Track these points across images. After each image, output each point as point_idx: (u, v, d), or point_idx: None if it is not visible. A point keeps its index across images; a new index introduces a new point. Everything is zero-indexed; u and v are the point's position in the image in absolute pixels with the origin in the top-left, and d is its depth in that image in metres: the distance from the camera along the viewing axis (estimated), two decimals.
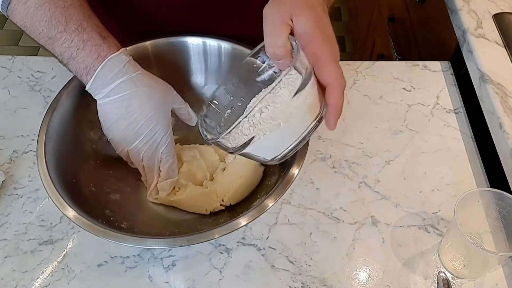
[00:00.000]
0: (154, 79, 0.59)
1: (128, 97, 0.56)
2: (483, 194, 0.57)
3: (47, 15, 0.55)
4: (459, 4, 0.82)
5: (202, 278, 0.59)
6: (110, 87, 0.56)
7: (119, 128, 0.58)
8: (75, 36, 0.55)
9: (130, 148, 0.59)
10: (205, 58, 0.71)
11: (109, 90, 0.56)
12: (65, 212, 0.53)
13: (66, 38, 0.55)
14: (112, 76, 0.55)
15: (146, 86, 0.57)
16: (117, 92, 0.56)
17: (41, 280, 0.59)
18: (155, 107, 0.58)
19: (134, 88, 0.56)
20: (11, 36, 2.20)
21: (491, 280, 0.59)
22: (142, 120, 0.57)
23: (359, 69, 0.82)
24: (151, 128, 0.58)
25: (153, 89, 0.58)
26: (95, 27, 0.56)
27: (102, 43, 0.55)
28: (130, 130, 0.57)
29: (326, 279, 0.59)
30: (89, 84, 0.56)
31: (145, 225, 0.62)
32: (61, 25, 0.55)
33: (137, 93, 0.56)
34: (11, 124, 0.74)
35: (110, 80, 0.55)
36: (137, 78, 0.57)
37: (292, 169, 0.56)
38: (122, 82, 0.56)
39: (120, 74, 0.56)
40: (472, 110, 0.76)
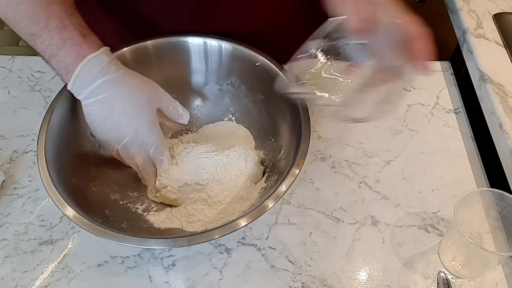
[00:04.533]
0: (137, 79, 0.58)
1: (109, 99, 0.55)
2: (483, 194, 0.57)
3: (29, 11, 0.53)
4: (459, 4, 0.82)
5: (202, 278, 0.59)
6: (90, 88, 0.54)
7: (104, 130, 0.57)
8: (55, 34, 0.54)
9: (120, 148, 0.58)
10: (205, 58, 0.71)
11: (89, 91, 0.55)
12: (65, 212, 0.53)
13: (47, 36, 0.54)
14: (92, 77, 0.54)
15: (128, 86, 0.56)
16: (98, 93, 0.55)
17: (41, 280, 0.59)
18: (138, 108, 0.57)
19: (115, 89, 0.55)
20: (11, 36, 2.20)
21: (491, 280, 0.59)
22: (124, 122, 0.56)
23: None
24: (134, 129, 0.57)
25: (135, 89, 0.57)
26: (77, 25, 0.55)
27: (83, 42, 0.54)
28: (115, 132, 0.57)
29: (326, 279, 0.59)
30: (69, 84, 0.55)
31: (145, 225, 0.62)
32: (42, 21, 0.53)
33: (118, 94, 0.55)
34: (11, 124, 0.74)
35: (90, 81, 0.54)
36: (118, 79, 0.55)
37: (292, 169, 0.56)
38: (102, 83, 0.54)
39: (100, 75, 0.54)
40: (472, 110, 0.76)
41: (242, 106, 0.72)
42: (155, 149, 0.60)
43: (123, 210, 0.62)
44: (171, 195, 0.64)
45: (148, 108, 0.58)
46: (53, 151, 0.58)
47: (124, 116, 0.56)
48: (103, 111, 0.56)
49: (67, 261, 0.60)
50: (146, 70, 0.69)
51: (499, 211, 0.57)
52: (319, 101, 0.56)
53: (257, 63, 0.67)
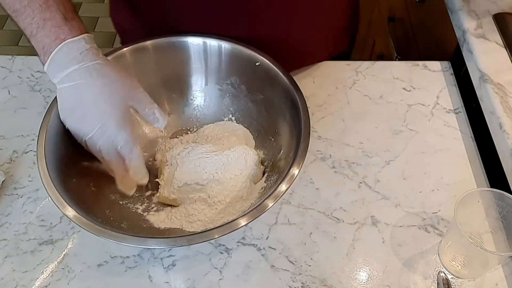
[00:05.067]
0: (114, 72, 0.56)
1: (81, 86, 0.53)
2: (483, 194, 0.57)
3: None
4: (459, 4, 0.82)
5: (202, 278, 0.59)
6: (64, 72, 0.53)
7: (72, 118, 0.55)
8: (37, 13, 0.53)
9: (87, 139, 0.56)
10: (205, 58, 0.71)
11: (63, 76, 0.53)
12: (65, 212, 0.53)
13: (29, 14, 0.53)
14: (67, 62, 0.53)
15: (103, 77, 0.54)
16: (71, 80, 0.53)
17: (41, 280, 0.59)
18: (109, 101, 0.54)
19: (89, 77, 0.53)
20: (11, 36, 2.20)
21: (491, 280, 0.59)
22: (93, 113, 0.54)
23: (359, 69, 0.82)
24: (102, 123, 0.54)
25: (110, 82, 0.55)
26: (61, 7, 0.54)
27: (63, 25, 0.53)
28: (84, 122, 0.55)
29: (326, 279, 0.59)
30: (45, 66, 0.54)
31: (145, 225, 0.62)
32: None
33: (90, 83, 0.53)
34: (11, 124, 0.74)
35: (64, 66, 0.53)
36: (94, 68, 0.54)
37: (292, 169, 0.56)
38: (76, 69, 0.53)
39: (75, 61, 0.53)
40: (472, 110, 0.76)
41: (242, 106, 0.72)
42: (123, 146, 0.57)
43: (123, 210, 0.62)
44: (171, 195, 0.64)
45: (120, 103, 0.55)
46: (53, 151, 0.58)
47: (94, 107, 0.54)
48: (74, 99, 0.54)
49: (67, 261, 0.60)
50: (145, 70, 0.69)
51: (499, 211, 0.58)
52: None
53: (257, 63, 0.67)
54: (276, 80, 0.66)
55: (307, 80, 0.80)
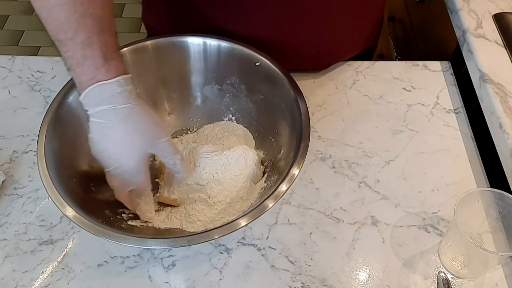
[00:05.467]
0: (141, 118, 0.56)
1: (107, 126, 0.55)
2: (483, 194, 0.57)
3: (62, 17, 0.52)
4: (459, 4, 0.82)
5: (202, 278, 0.59)
6: (95, 109, 0.55)
7: (97, 149, 0.57)
8: (79, 49, 0.53)
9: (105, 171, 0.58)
10: (205, 58, 0.70)
11: (94, 112, 0.55)
12: (65, 212, 0.53)
13: (70, 48, 0.53)
14: (99, 101, 0.54)
15: (127, 122, 0.55)
16: (100, 117, 0.55)
17: (41, 280, 0.59)
18: (128, 146, 0.56)
19: (114, 120, 0.55)
20: (11, 36, 2.20)
21: (491, 280, 0.59)
22: (113, 153, 0.56)
23: (359, 69, 0.82)
24: (119, 165, 0.56)
25: (133, 128, 0.56)
26: (103, 45, 0.54)
27: (101, 66, 0.53)
28: (104, 156, 0.57)
29: (326, 279, 0.59)
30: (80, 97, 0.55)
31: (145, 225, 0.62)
32: (71, 32, 0.52)
33: (115, 125, 0.55)
34: (11, 124, 0.74)
35: (95, 104, 0.54)
36: (121, 112, 0.55)
37: (292, 169, 0.56)
38: (104, 110, 0.54)
39: (105, 102, 0.54)
40: (472, 110, 0.76)
41: (242, 106, 0.72)
42: (134, 190, 0.59)
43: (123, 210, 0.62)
44: (171, 195, 0.64)
45: (139, 149, 0.57)
46: (53, 151, 0.58)
47: (114, 148, 0.56)
48: (100, 134, 0.56)
49: (67, 261, 0.60)
50: (145, 70, 0.69)
51: (499, 211, 0.58)
52: None
53: (257, 63, 0.67)
54: (276, 80, 0.66)
55: (307, 80, 0.80)
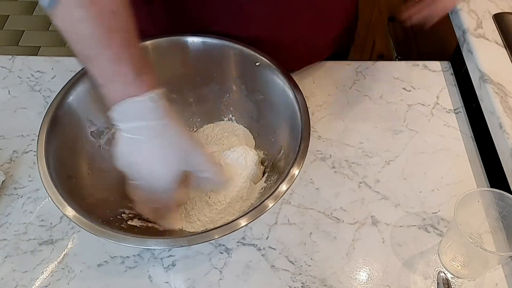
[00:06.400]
0: (176, 134, 0.54)
1: (140, 142, 0.53)
2: (483, 194, 0.57)
3: (89, 32, 0.50)
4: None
5: (202, 278, 0.59)
6: (126, 125, 0.53)
7: (125, 162, 0.55)
8: (108, 66, 0.51)
9: (133, 184, 0.57)
10: (205, 58, 0.70)
11: (126, 127, 0.53)
12: (65, 212, 0.53)
13: (99, 64, 0.51)
14: (131, 117, 0.52)
15: (162, 139, 0.53)
16: (132, 133, 0.53)
17: (41, 280, 0.59)
18: (161, 163, 0.54)
19: (148, 137, 0.53)
20: (11, 36, 2.20)
21: (491, 280, 0.59)
22: (144, 168, 0.54)
23: (359, 69, 0.82)
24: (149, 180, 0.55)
25: (167, 144, 0.54)
26: (132, 60, 0.51)
27: (133, 81, 0.51)
28: (133, 170, 0.55)
29: (326, 279, 0.59)
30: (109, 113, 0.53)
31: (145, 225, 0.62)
32: (99, 48, 0.50)
33: (149, 142, 0.53)
34: (11, 124, 0.74)
35: (127, 120, 0.52)
36: (156, 128, 0.53)
37: (293, 169, 0.56)
38: (138, 126, 0.53)
39: (138, 118, 0.52)
40: (472, 110, 0.76)
41: (242, 106, 0.72)
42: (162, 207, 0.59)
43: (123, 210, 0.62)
44: None
45: (172, 167, 0.55)
46: (53, 151, 0.58)
47: (146, 164, 0.54)
48: (131, 149, 0.54)
49: (67, 261, 0.60)
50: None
51: (499, 211, 0.58)
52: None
53: (257, 63, 0.67)
54: (276, 80, 0.66)
55: (307, 80, 0.80)
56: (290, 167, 0.56)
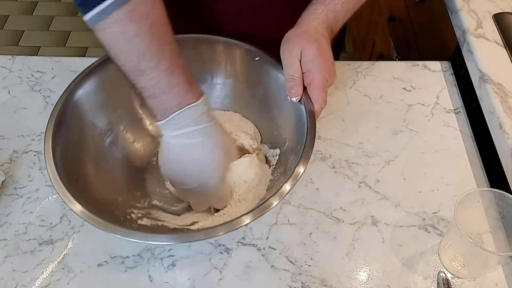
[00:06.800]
0: (221, 133, 0.59)
1: (193, 145, 0.56)
2: (483, 194, 0.57)
3: (143, 46, 0.51)
4: (459, 4, 0.82)
5: (202, 278, 0.59)
6: (180, 131, 0.55)
7: (174, 169, 0.58)
8: (164, 77, 0.52)
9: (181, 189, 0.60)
10: (207, 55, 0.70)
11: (178, 134, 0.55)
12: (73, 208, 0.52)
13: (155, 76, 0.52)
14: (185, 124, 0.55)
15: (212, 139, 0.57)
16: (184, 138, 0.56)
17: (41, 280, 0.59)
18: (214, 162, 0.58)
19: (201, 138, 0.56)
20: (11, 36, 2.20)
21: (491, 280, 0.59)
22: (195, 171, 0.58)
23: (359, 69, 0.82)
24: (203, 182, 0.58)
25: (218, 144, 0.58)
26: (184, 71, 0.54)
27: (188, 91, 0.54)
28: (183, 175, 0.58)
29: (326, 279, 0.59)
30: (160, 123, 0.55)
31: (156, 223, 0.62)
32: (154, 61, 0.51)
33: (201, 144, 0.56)
34: (11, 124, 0.74)
35: (181, 126, 0.55)
36: (206, 131, 0.56)
37: (298, 168, 0.56)
38: (193, 131, 0.55)
39: (192, 123, 0.55)
40: (472, 110, 0.76)
41: (243, 101, 0.72)
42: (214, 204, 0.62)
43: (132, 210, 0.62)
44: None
45: (222, 164, 0.59)
46: (60, 154, 0.57)
47: (199, 166, 0.57)
48: (181, 154, 0.56)
49: (67, 261, 0.60)
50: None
51: (499, 211, 0.58)
52: None
53: (257, 58, 0.67)
54: (276, 74, 0.65)
55: None
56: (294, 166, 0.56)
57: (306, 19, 0.64)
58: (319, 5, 0.64)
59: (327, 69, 0.61)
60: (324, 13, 0.63)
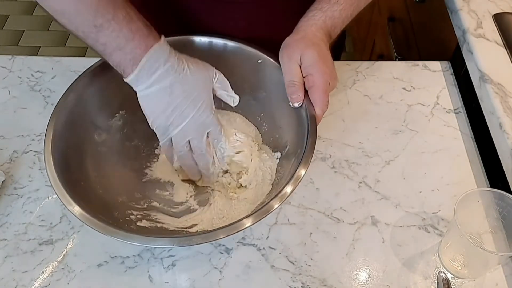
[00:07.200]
0: (191, 61, 0.59)
1: (170, 83, 0.56)
2: (483, 194, 0.57)
3: (94, 2, 0.52)
4: (459, 4, 0.82)
5: (202, 278, 0.59)
6: (152, 77, 0.55)
7: (164, 115, 0.58)
8: (124, 25, 0.53)
9: (176, 133, 0.59)
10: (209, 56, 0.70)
11: (152, 80, 0.55)
12: (71, 209, 0.52)
13: (115, 28, 0.53)
14: (156, 66, 0.55)
15: (187, 70, 0.57)
16: (160, 81, 0.56)
17: (41, 280, 0.59)
18: (198, 89, 0.58)
19: (175, 73, 0.56)
20: (11, 36, 2.20)
21: (491, 280, 0.59)
22: (186, 103, 0.57)
23: (359, 69, 0.82)
24: (197, 109, 0.58)
25: (194, 72, 0.58)
26: (140, 16, 0.55)
27: (149, 33, 0.55)
28: (176, 115, 0.57)
29: (326, 279, 0.59)
30: (132, 75, 0.55)
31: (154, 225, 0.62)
32: (109, 13, 0.52)
33: (178, 78, 0.56)
34: (11, 124, 0.74)
35: (152, 71, 0.55)
36: (177, 64, 0.57)
37: (299, 170, 0.56)
38: (164, 70, 0.55)
39: (161, 64, 0.55)
40: (472, 110, 0.76)
41: (245, 103, 0.72)
42: (213, 130, 0.61)
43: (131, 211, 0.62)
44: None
45: (206, 88, 0.59)
46: (59, 155, 0.57)
47: (186, 97, 0.57)
48: (165, 97, 0.56)
49: (67, 261, 0.60)
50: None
51: (499, 211, 0.58)
52: None
53: (259, 61, 0.67)
54: (278, 77, 0.65)
55: None
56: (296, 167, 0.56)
57: (304, 25, 0.64)
58: (317, 12, 0.64)
59: (328, 73, 0.61)
60: (322, 19, 0.64)
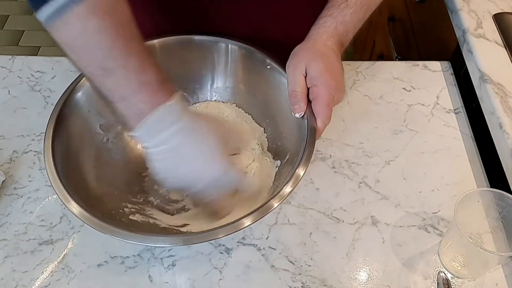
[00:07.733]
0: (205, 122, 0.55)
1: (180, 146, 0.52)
2: (483, 194, 0.57)
3: (107, 43, 0.46)
4: (459, 4, 0.82)
5: (202, 278, 0.59)
6: (160, 136, 0.50)
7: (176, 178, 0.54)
8: (133, 75, 0.48)
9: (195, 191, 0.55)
10: (214, 58, 0.70)
11: (159, 140, 0.51)
12: (71, 208, 0.52)
13: (123, 75, 0.48)
14: (163, 126, 0.50)
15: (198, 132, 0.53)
16: (168, 142, 0.51)
17: (41, 280, 0.59)
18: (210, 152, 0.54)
19: (186, 136, 0.52)
20: (11, 36, 2.20)
21: (491, 280, 0.59)
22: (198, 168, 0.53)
23: (359, 69, 0.82)
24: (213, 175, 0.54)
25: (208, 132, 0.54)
26: (155, 67, 0.50)
27: (159, 89, 0.50)
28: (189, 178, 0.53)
29: (326, 279, 0.59)
30: (135, 131, 0.51)
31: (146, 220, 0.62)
32: (122, 58, 0.47)
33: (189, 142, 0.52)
34: (11, 124, 0.74)
35: (159, 130, 0.50)
36: (188, 127, 0.52)
37: (298, 170, 0.55)
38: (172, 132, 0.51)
39: (170, 124, 0.50)
40: (472, 110, 0.76)
41: (251, 107, 0.72)
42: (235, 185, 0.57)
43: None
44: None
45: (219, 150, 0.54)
46: (60, 144, 0.58)
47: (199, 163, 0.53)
48: (175, 159, 0.52)
49: (67, 261, 0.60)
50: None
51: (499, 211, 0.58)
52: None
53: (268, 66, 0.66)
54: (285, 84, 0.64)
55: None
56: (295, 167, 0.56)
57: (315, 33, 0.62)
58: (328, 18, 0.62)
59: (334, 86, 0.58)
60: (333, 25, 0.62)
